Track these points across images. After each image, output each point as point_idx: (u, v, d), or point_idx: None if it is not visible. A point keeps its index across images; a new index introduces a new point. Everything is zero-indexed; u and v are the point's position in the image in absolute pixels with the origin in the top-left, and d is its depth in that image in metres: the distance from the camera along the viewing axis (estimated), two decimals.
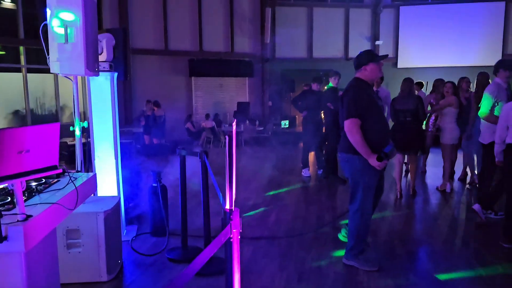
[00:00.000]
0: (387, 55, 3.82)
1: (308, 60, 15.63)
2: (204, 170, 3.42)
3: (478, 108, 5.49)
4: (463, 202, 5.96)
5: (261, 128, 13.58)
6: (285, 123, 14.25)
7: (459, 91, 6.55)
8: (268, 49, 14.86)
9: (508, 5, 15.09)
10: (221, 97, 14.46)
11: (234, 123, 2.23)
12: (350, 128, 3.42)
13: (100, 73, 3.92)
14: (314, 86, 7.81)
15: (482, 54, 15.08)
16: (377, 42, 15.73)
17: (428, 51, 15.32)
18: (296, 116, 14.25)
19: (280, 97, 14.96)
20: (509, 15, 15.11)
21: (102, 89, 4.21)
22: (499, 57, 15.11)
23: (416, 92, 8.92)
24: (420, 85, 8.77)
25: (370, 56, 3.61)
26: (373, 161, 3.40)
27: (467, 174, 7.18)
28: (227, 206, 2.06)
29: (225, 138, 1.92)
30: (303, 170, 7.95)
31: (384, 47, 15.78)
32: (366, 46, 15.93)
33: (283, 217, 5.27)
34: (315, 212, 5.50)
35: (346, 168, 3.68)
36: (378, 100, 3.66)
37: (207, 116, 12.84)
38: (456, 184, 6.95)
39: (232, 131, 2.01)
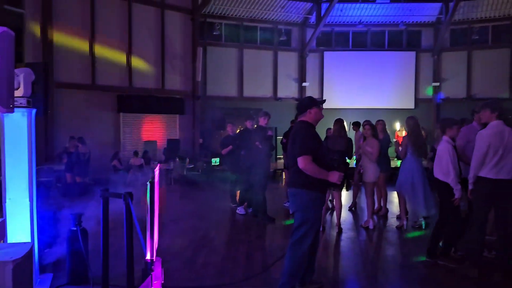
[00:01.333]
0: (325, 100, 4.27)
1: (238, 99, 15.96)
2: (128, 214, 3.25)
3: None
4: (385, 239, 6.25)
5: (191, 166, 13.41)
6: (215, 161, 14.20)
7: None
8: (199, 87, 14.97)
9: (418, 55, 16.71)
10: (151, 134, 14.15)
11: (156, 169, 2.17)
12: (305, 163, 3.70)
13: (16, 109, 3.67)
14: (248, 124, 7.92)
15: (397, 97, 16.42)
16: (303, 84, 16.54)
17: (350, 93, 16.35)
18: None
19: (211, 134, 14.99)
20: (420, 63, 16.71)
21: (18, 126, 3.93)
22: (412, 101, 16.55)
23: (355, 131, 9.43)
24: (357, 125, 9.20)
25: (312, 101, 3.98)
26: (333, 176, 3.72)
27: (387, 211, 7.59)
28: (148, 257, 1.96)
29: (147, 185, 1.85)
30: (238, 208, 7.90)
31: (310, 88, 16.61)
32: (294, 87, 16.71)
33: (212, 259, 5.14)
34: (244, 253, 5.44)
35: (294, 201, 3.90)
36: (320, 139, 4.01)
37: (136, 153, 12.44)
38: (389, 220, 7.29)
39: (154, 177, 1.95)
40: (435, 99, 16.45)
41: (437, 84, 16.47)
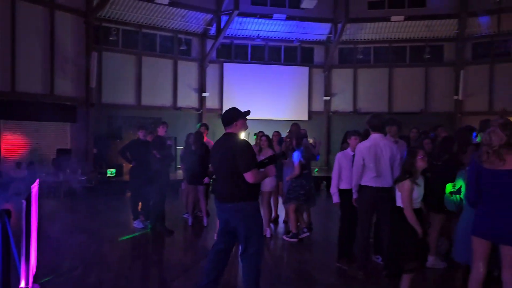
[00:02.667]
0: (250, 111, 4.10)
1: (136, 107, 15.44)
2: (4, 234, 2.94)
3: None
4: (282, 246, 6.52)
5: (84, 178, 12.59)
6: (111, 172, 13.55)
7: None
8: (93, 94, 14.18)
9: (311, 70, 17.84)
10: (37, 144, 12.97)
11: (35, 185, 2.02)
12: (253, 175, 3.74)
13: None
14: (140, 134, 7.73)
15: (293, 110, 17.31)
16: (204, 94, 16.61)
17: (249, 104, 16.63)
18: (124, 165, 13.73)
19: (106, 144, 14.25)
20: (312, 78, 17.84)
21: None
22: (306, 113, 17.57)
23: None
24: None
25: (239, 113, 4.01)
26: (271, 171, 3.96)
27: (278, 216, 7.95)
28: (23, 284, 1.82)
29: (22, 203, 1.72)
30: (134, 222, 7.60)
31: (210, 98, 16.75)
32: (194, 97, 16.69)
33: (104, 277, 4.89)
34: (140, 268, 5.27)
35: (237, 216, 3.86)
36: None
37: (18, 164, 11.32)
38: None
39: (32, 193, 1.82)
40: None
41: (328, 98, 17.73)
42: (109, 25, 14.84)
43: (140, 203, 7.78)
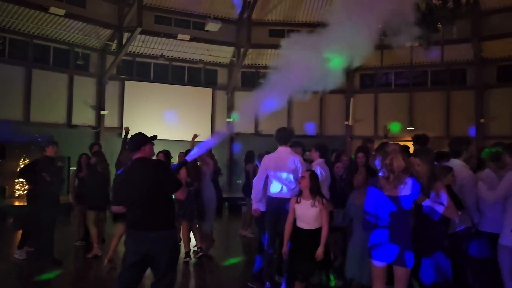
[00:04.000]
0: (157, 135, 4.02)
1: (24, 123, 14.11)
2: None
3: None
4: (182, 271, 6.39)
5: None
6: None
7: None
8: None
9: (215, 92, 18.07)
10: None
11: None
12: (184, 191, 3.85)
13: None
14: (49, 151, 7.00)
15: (196, 130, 17.08)
16: (102, 112, 15.82)
17: (152, 124, 16.32)
18: (6, 187, 12.42)
19: None
20: (216, 99, 18.06)
21: None
22: (209, 134, 17.66)
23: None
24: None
25: (145, 138, 3.95)
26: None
27: (180, 240, 7.80)
28: None
29: None
30: (17, 252, 6.81)
31: (109, 117, 16.01)
32: (91, 114, 15.81)
33: None
34: None
35: (161, 245, 3.60)
36: None
37: None
38: None
39: None
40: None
41: (231, 119, 18.04)
42: None
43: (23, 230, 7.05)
